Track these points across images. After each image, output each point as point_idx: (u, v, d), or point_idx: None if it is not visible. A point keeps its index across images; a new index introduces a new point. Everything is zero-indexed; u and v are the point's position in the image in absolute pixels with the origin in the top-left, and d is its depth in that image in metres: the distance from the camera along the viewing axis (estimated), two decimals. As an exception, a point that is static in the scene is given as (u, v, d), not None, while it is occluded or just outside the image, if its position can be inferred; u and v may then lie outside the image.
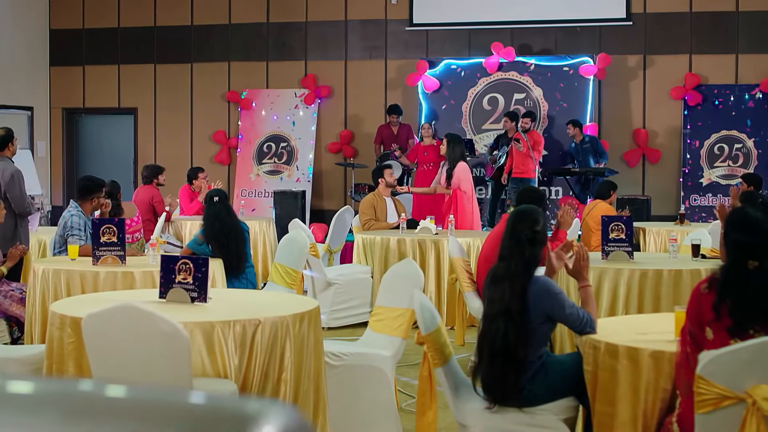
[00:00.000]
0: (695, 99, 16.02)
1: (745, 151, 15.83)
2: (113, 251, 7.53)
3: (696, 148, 16.08)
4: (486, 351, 4.77)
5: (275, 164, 17.63)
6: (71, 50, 18.56)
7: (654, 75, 16.37)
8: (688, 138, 16.12)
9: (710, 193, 15.93)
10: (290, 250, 8.40)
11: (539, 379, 4.74)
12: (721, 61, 16.12)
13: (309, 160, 17.47)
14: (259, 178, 17.62)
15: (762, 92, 15.80)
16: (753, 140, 15.82)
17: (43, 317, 7.38)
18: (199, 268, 5.59)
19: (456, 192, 11.58)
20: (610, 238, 7.93)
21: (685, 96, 16.11)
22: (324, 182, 17.52)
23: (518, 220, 4.87)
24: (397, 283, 6.27)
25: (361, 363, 5.92)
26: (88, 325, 4.59)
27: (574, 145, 15.53)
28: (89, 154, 18.87)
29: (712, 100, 16.04)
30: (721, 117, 15.98)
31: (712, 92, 16.06)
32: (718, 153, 15.98)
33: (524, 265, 4.77)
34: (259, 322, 5.10)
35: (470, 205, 11.68)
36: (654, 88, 16.36)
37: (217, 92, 18.03)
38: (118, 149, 18.72)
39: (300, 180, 17.33)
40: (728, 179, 15.86)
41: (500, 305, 4.73)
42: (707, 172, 16.00)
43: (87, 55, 18.55)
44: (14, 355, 5.88)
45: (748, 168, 15.73)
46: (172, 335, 4.45)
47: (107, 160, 18.68)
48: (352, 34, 17.50)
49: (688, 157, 16.10)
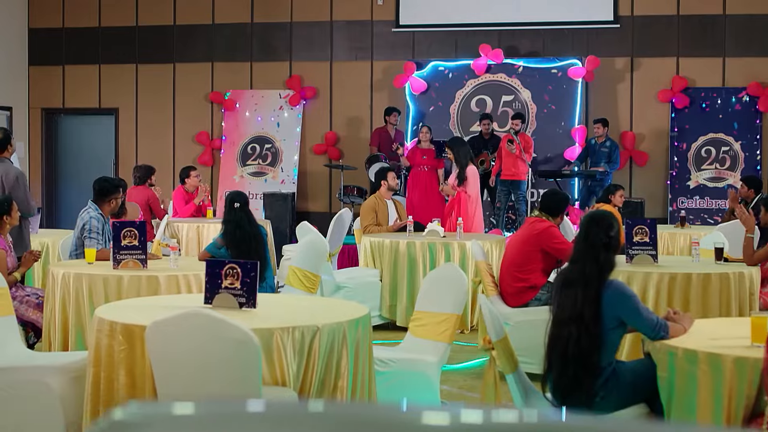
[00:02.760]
0: (682, 102, 16.06)
1: (732, 153, 15.89)
2: (134, 255, 7.38)
3: (683, 150, 16.11)
4: (557, 357, 4.69)
5: (260, 166, 17.48)
6: (51, 49, 18.29)
7: (641, 78, 16.39)
8: (675, 141, 16.15)
9: (698, 196, 15.97)
10: (309, 254, 8.28)
11: (611, 385, 4.66)
12: (709, 64, 16.17)
13: (294, 161, 17.33)
14: (243, 180, 17.45)
15: (749, 95, 15.86)
16: (740, 143, 15.88)
17: (64, 322, 7.24)
18: (248, 273, 5.47)
19: (460, 194, 11.48)
20: (635, 242, 7.89)
21: (672, 99, 16.14)
22: (309, 184, 17.38)
23: (593, 224, 4.79)
24: (438, 288, 6.17)
25: (407, 369, 5.84)
26: (153, 333, 4.45)
27: (594, 142, 15.46)
28: (69, 155, 18.61)
29: (700, 102, 16.08)
30: (708, 120, 16.02)
31: (699, 95, 16.11)
32: (706, 156, 16.02)
33: (599, 269, 4.69)
34: (318, 328, 4.99)
35: (473, 207, 11.62)
36: (641, 90, 16.39)
37: (200, 93, 17.84)
38: (98, 150, 18.46)
39: (285, 182, 17.18)
40: (715, 182, 15.92)
41: (573, 310, 4.65)
42: (694, 174, 16.04)
43: (67, 55, 18.29)
44: (54, 363, 5.72)
45: (735, 171, 15.80)
46: (244, 342, 4.33)
47: (87, 161, 18.43)
48: (337, 35, 17.38)
49: (675, 160, 16.13)
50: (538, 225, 7.90)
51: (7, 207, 7.72)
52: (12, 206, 7.77)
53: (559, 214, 8.03)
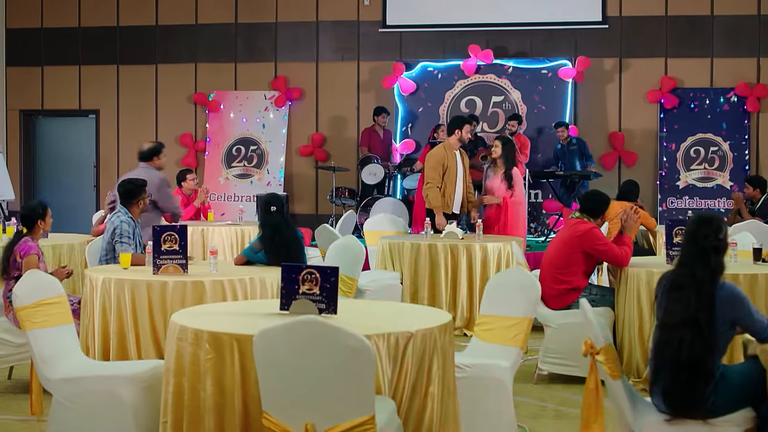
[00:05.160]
0: (671, 102, 16.12)
1: (721, 154, 15.97)
2: (175, 260, 7.19)
3: (672, 151, 16.16)
4: (667, 361, 4.60)
5: (245, 168, 17.28)
6: (29, 50, 17.96)
7: (630, 78, 16.42)
8: (664, 141, 16.20)
9: (687, 196, 16.03)
10: (345, 258, 8.14)
11: (720, 389, 4.59)
12: (697, 65, 16.25)
13: (280, 163, 17.15)
14: (228, 182, 17.25)
15: (737, 95, 15.96)
16: (728, 143, 15.97)
17: (104, 329, 7.03)
18: (328, 278, 5.31)
19: (507, 200, 11.00)
20: (675, 243, 7.84)
21: (661, 99, 16.20)
22: (295, 186, 17.21)
23: (702, 227, 4.71)
24: (505, 291, 6.07)
25: (482, 374, 5.72)
26: (261, 342, 4.30)
27: (560, 146, 15.49)
28: (48, 157, 18.28)
29: (688, 103, 16.14)
30: (696, 120, 16.10)
31: (687, 95, 16.17)
32: (695, 156, 16.09)
33: (710, 273, 4.62)
34: (411, 334, 4.87)
35: (523, 210, 11.26)
36: (630, 91, 16.42)
37: (184, 94, 17.61)
38: (78, 152, 18.16)
39: (271, 184, 16.99)
40: (704, 182, 15.99)
41: (685, 314, 4.56)
42: (684, 174, 16.09)
43: (46, 55, 17.97)
44: (124, 373, 5.52)
45: (723, 171, 15.90)
46: (359, 350, 4.19)
47: (67, 163, 18.14)
48: (323, 36, 17.24)
49: (664, 160, 16.18)
50: (580, 226, 7.83)
51: (41, 212, 7.52)
52: (46, 212, 7.57)
53: (600, 215, 7.97)
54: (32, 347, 5.59)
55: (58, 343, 5.73)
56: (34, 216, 7.51)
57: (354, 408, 4.24)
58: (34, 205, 7.61)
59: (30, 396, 5.81)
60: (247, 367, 4.75)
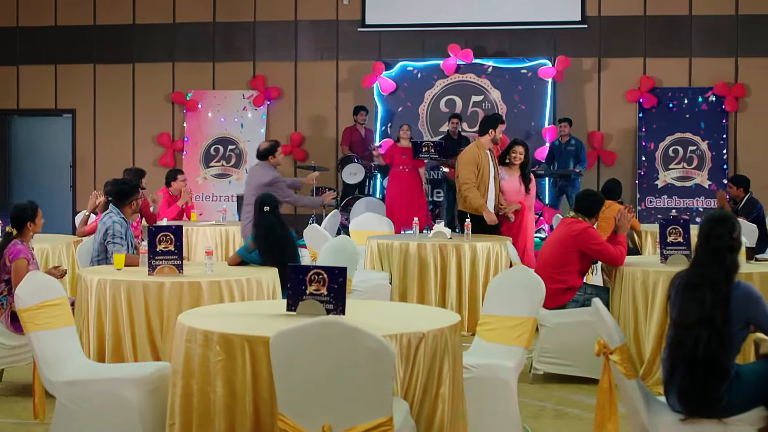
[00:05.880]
0: (650, 102, 16.19)
1: (699, 153, 16.05)
2: (170, 260, 7.12)
3: (651, 150, 16.23)
4: (682, 361, 4.60)
5: (223, 167, 17.21)
6: (4, 49, 17.81)
7: (609, 78, 16.48)
8: (643, 140, 16.27)
9: (665, 195, 16.10)
10: (339, 258, 8.09)
11: (735, 388, 4.59)
12: (675, 65, 16.32)
13: (258, 163, 17.04)
14: (207, 182, 17.16)
15: (715, 95, 16.06)
16: (707, 142, 16.05)
17: (99, 330, 6.97)
18: (335, 279, 5.28)
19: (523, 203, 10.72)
20: (669, 242, 7.85)
21: (639, 99, 16.27)
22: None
23: (716, 227, 4.71)
24: (508, 291, 6.05)
25: (487, 375, 5.70)
26: (279, 343, 4.25)
27: (557, 144, 15.48)
28: (24, 158, 18.12)
29: (667, 102, 16.22)
30: (675, 119, 16.17)
31: (666, 95, 16.25)
32: (673, 155, 16.16)
33: (725, 272, 4.62)
34: (423, 334, 4.84)
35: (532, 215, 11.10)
36: (609, 90, 16.48)
37: (161, 93, 17.51)
38: (54, 152, 18.02)
39: (249, 183, 16.89)
40: (683, 181, 16.06)
41: (700, 313, 4.56)
42: (662, 174, 16.17)
43: (21, 54, 17.81)
44: (129, 375, 5.45)
45: (702, 170, 15.98)
46: (378, 352, 4.15)
47: (43, 163, 18.01)
48: (302, 35, 17.18)
49: (643, 159, 16.24)
50: (575, 226, 7.82)
51: (31, 213, 7.40)
52: (36, 213, 7.46)
53: (594, 214, 7.98)
54: (35, 350, 5.51)
55: (61, 345, 5.65)
56: (24, 217, 7.37)
57: (372, 409, 4.20)
58: (24, 205, 7.47)
59: (33, 399, 5.74)
60: (257, 368, 4.71)
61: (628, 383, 4.70)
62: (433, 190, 16.10)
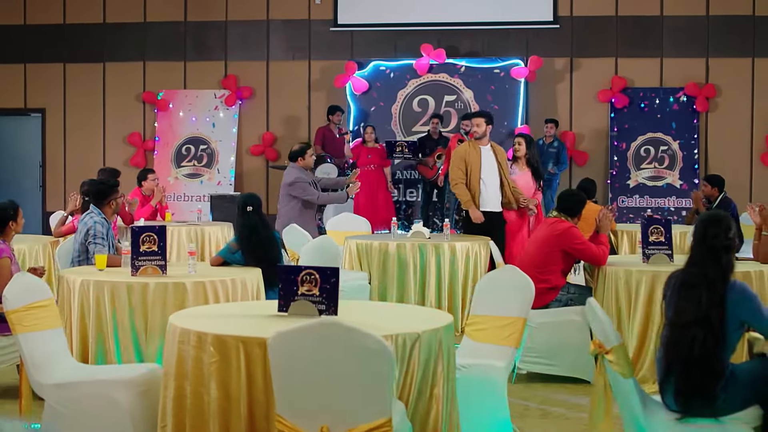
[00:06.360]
0: (622, 102, 16.26)
1: (671, 153, 16.14)
2: (154, 261, 7.08)
3: (623, 150, 16.31)
4: (678, 360, 4.62)
5: (195, 167, 17.11)
6: (-28, 48, 17.65)
7: (581, 78, 16.54)
8: (614, 140, 16.34)
9: (637, 195, 16.18)
10: (321, 258, 8.07)
11: (730, 387, 4.62)
12: (647, 65, 16.41)
13: (230, 162, 17.02)
14: (178, 182, 17.06)
15: (686, 95, 16.15)
16: (678, 142, 16.15)
17: (82, 332, 6.92)
18: (327, 279, 5.25)
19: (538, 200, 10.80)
20: (650, 242, 7.89)
21: (611, 99, 16.34)
22: (246, 185, 17.04)
23: (711, 226, 4.73)
24: (497, 291, 6.05)
25: (478, 374, 5.70)
26: (277, 344, 4.23)
27: (541, 143, 15.51)
28: (-9, 157, 17.98)
29: (638, 102, 16.30)
30: (646, 119, 16.26)
31: (638, 95, 16.33)
32: (645, 155, 16.24)
33: (721, 272, 4.64)
34: (418, 335, 4.83)
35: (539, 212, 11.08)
36: (581, 90, 16.54)
37: (132, 93, 17.40)
38: (24, 152, 17.87)
39: (221, 183, 16.86)
40: (655, 181, 16.15)
41: (697, 312, 4.58)
42: (634, 173, 16.25)
43: (-11, 53, 17.67)
44: (119, 377, 5.41)
45: (673, 170, 16.07)
46: (378, 352, 4.14)
47: (12, 162, 17.85)
48: (274, 35, 17.12)
49: (615, 159, 16.31)
50: (558, 225, 7.84)
51: (13, 213, 7.33)
52: (18, 212, 7.38)
53: (577, 214, 8.00)
54: (23, 352, 5.45)
55: (49, 347, 5.59)
56: (6, 217, 7.30)
57: (371, 410, 4.19)
58: (6, 205, 7.39)
59: (19, 401, 5.68)
60: (252, 370, 4.69)
61: (625, 383, 4.71)
62: (406, 189, 16.13)
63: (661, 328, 7.21)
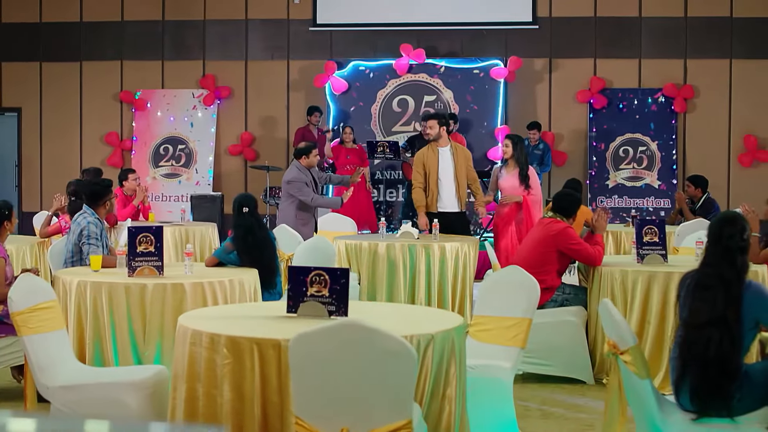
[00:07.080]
0: (600, 102, 16.33)
1: (649, 153, 16.23)
2: (150, 261, 7.02)
3: (602, 150, 16.38)
4: (694, 361, 4.62)
5: (173, 167, 17.02)
6: (-53, 46, 17.48)
7: (560, 78, 16.58)
8: (593, 141, 16.41)
9: (616, 195, 16.25)
10: (316, 258, 8.04)
11: (745, 387, 4.63)
12: (625, 66, 16.48)
13: (209, 162, 16.94)
14: (156, 182, 16.97)
15: (664, 96, 16.24)
16: (656, 143, 16.23)
17: (79, 333, 6.84)
18: (337, 280, 5.22)
19: (526, 199, 10.58)
20: (645, 242, 7.91)
21: (590, 99, 16.41)
22: (224, 185, 16.99)
23: (726, 227, 4.74)
24: (501, 292, 6.04)
25: (484, 375, 5.69)
26: (298, 346, 4.19)
27: (527, 143, 15.53)
28: (-34, 157, 17.79)
29: (617, 103, 16.37)
30: (625, 120, 16.34)
31: (616, 96, 16.41)
32: (623, 155, 16.32)
33: (737, 272, 4.65)
34: (432, 336, 4.81)
35: (540, 208, 11.03)
36: (560, 91, 16.59)
37: (109, 92, 17.29)
38: (-1, 151, 17.73)
39: (200, 183, 16.78)
40: (633, 181, 16.23)
41: (712, 313, 4.59)
42: (613, 174, 16.32)
43: (-36, 52, 17.50)
44: (127, 379, 5.35)
45: (652, 170, 16.15)
46: (400, 354, 4.11)
47: (-13, 162, 17.69)
48: (252, 34, 17.06)
49: (594, 160, 16.38)
50: (554, 226, 7.85)
51: (7, 213, 7.26)
52: (11, 212, 7.31)
53: (572, 214, 8.01)
54: (28, 354, 5.38)
55: (54, 348, 5.53)
56: (1, 217, 7.25)
57: (392, 411, 4.16)
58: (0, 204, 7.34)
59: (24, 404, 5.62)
60: (266, 371, 4.65)
61: (641, 383, 4.71)
62: (386, 190, 16.11)
63: (657, 328, 7.32)
